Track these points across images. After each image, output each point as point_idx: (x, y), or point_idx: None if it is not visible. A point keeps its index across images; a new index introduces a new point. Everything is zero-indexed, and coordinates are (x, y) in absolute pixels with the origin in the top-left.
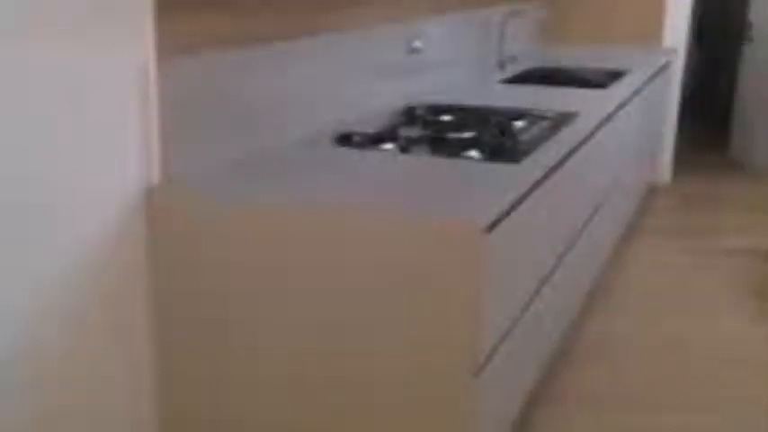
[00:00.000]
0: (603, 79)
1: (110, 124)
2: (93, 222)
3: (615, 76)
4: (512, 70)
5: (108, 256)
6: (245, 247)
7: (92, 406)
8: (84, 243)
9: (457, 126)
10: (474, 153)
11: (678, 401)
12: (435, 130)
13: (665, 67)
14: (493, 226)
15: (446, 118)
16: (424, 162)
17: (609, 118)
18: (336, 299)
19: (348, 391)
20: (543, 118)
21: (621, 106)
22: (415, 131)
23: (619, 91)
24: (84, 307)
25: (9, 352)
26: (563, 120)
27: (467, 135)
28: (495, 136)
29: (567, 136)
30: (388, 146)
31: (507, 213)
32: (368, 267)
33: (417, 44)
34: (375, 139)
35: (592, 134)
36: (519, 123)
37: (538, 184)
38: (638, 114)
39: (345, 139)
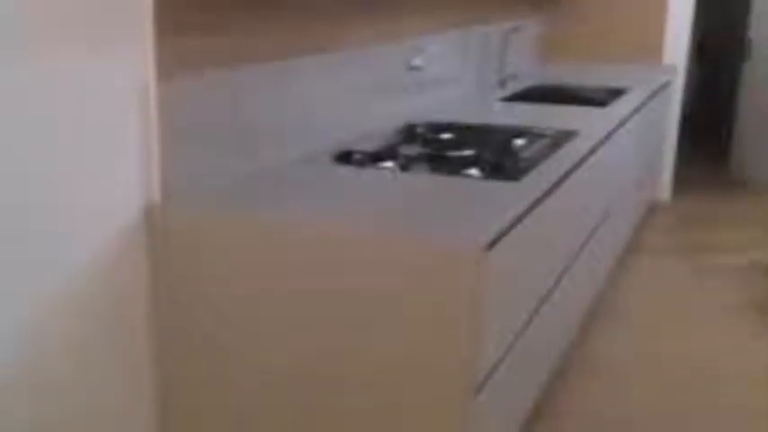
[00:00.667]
0: (603, 97)
1: (110, 141)
2: (93, 238)
3: (615, 94)
4: (512, 88)
5: (108, 272)
6: (244, 264)
7: (92, 422)
8: (85, 259)
9: (457, 144)
10: (474, 171)
11: (678, 418)
12: (435, 148)
13: (665, 85)
14: (493, 244)
15: (446, 136)
16: (423, 180)
17: (609, 136)
18: (336, 315)
19: (348, 406)
20: (543, 136)
21: (621, 124)
22: (414, 149)
23: (619, 109)
24: (85, 323)
25: (9, 368)
26: (563, 138)
27: (467, 153)
28: (496, 154)
29: (567, 154)
30: (388, 164)
31: (507, 231)
32: (367, 284)
33: (417, 62)
34: (375, 158)
35: (592, 152)
36: (519, 141)
37: (538, 202)
38: (638, 132)
39: (345, 158)
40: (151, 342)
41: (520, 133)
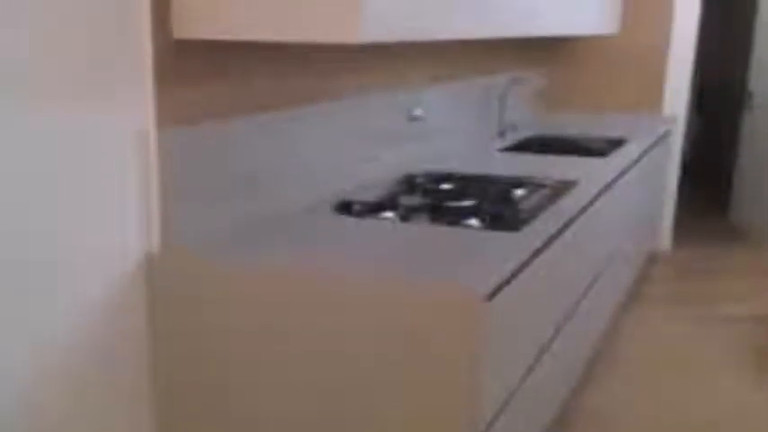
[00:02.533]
0: (603, 147)
1: (110, 190)
2: (93, 287)
3: (615, 144)
4: (512, 138)
5: (108, 320)
6: (245, 313)
7: None
8: (85, 308)
9: (457, 194)
10: (474, 221)
11: None
12: (435, 198)
13: (665, 136)
14: (493, 294)
15: (446, 186)
16: (424, 230)
17: (609, 186)
18: (336, 365)
19: None
20: (543, 186)
21: (621, 175)
22: (415, 200)
23: (618, 159)
24: (85, 372)
25: (8, 415)
26: (563, 188)
27: (467, 203)
28: (496, 204)
29: (567, 204)
30: (389, 214)
31: (507, 282)
32: (368, 335)
33: (417, 112)
34: (375, 208)
35: (591, 202)
36: (519, 191)
37: (538, 252)
38: (638, 182)
39: (345, 207)
40: (150, 389)
41: (520, 183)
